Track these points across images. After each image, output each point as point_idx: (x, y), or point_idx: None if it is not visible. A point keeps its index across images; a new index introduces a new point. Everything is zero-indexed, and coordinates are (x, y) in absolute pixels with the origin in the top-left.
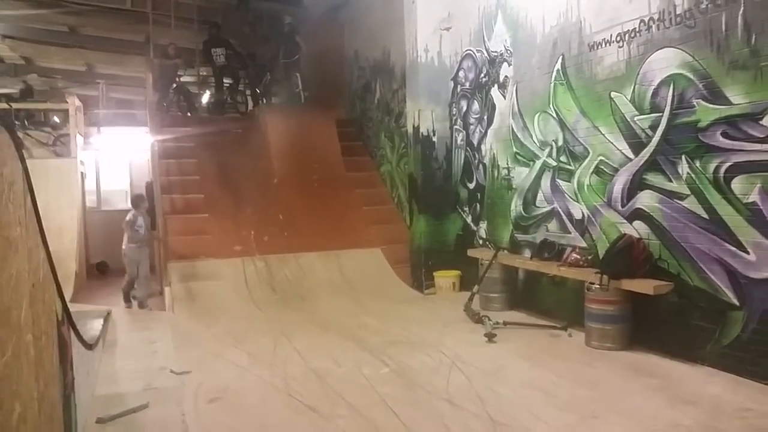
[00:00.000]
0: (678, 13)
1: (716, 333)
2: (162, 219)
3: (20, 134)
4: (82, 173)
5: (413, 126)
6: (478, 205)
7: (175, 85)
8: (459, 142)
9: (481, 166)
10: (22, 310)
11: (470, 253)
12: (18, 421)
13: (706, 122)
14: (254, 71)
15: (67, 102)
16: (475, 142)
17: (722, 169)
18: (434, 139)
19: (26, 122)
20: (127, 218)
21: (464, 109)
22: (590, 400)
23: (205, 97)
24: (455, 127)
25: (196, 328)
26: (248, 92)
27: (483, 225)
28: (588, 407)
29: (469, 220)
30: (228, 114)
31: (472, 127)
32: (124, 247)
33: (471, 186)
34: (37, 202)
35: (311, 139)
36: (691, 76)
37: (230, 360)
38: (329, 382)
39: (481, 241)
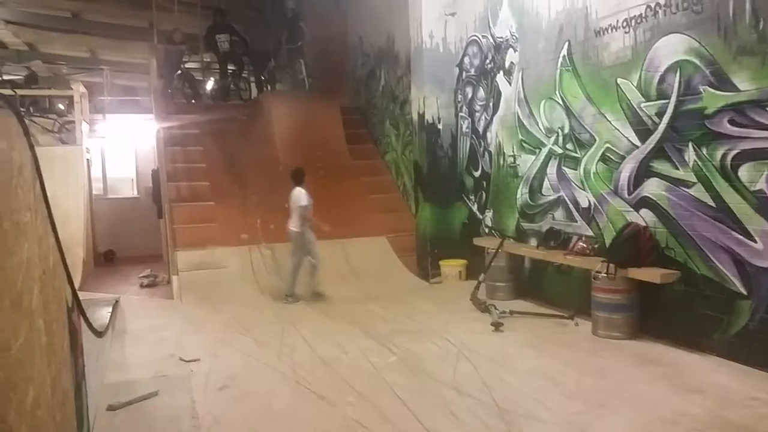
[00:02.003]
0: None
1: (723, 322)
2: (168, 207)
3: (26, 120)
4: (87, 160)
5: (418, 113)
6: (483, 194)
7: (179, 72)
8: (464, 129)
9: (486, 153)
10: (33, 295)
11: (476, 241)
12: (32, 406)
13: (712, 109)
14: (258, 58)
15: (71, 89)
16: (481, 130)
17: (729, 157)
18: (439, 126)
19: (31, 109)
20: (305, 202)
21: (469, 95)
22: (596, 389)
23: (209, 84)
24: (460, 114)
25: (204, 315)
26: (252, 79)
27: (489, 213)
28: (594, 395)
29: (474, 208)
30: (232, 101)
31: (477, 114)
32: (296, 229)
33: (476, 174)
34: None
35: (316, 127)
36: (698, 63)
37: (238, 348)
38: (336, 369)
39: (486, 230)
